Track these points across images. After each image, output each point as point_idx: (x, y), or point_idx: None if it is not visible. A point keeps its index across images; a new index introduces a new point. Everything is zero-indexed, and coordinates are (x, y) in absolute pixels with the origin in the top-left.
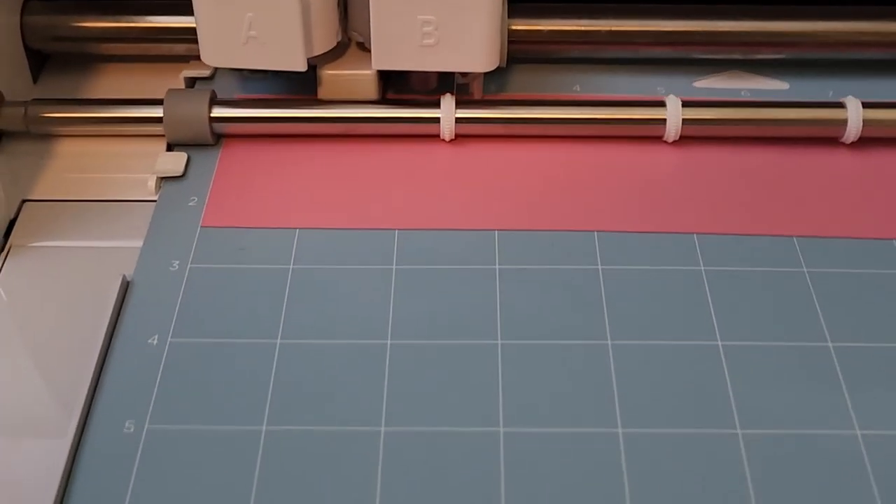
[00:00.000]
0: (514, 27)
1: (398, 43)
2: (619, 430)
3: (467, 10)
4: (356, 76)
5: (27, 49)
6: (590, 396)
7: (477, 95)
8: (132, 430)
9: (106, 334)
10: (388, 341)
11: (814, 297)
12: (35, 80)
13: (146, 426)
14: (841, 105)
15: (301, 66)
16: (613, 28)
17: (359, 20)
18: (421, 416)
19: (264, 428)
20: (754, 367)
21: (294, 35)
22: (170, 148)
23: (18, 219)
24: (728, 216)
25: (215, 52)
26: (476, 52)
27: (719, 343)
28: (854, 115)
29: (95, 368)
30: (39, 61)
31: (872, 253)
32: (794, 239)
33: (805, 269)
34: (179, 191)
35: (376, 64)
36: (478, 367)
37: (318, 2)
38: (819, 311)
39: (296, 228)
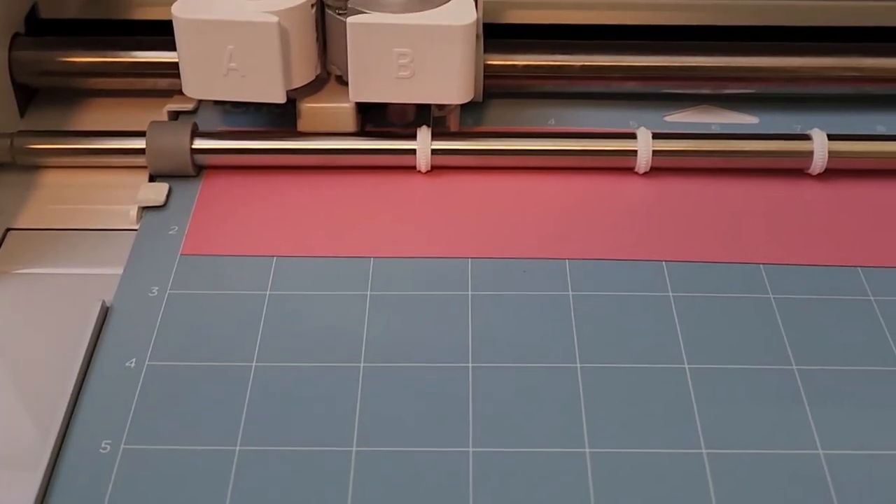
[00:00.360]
0: (489, 62)
1: (375, 76)
2: (587, 450)
3: (441, 43)
4: (335, 109)
5: (15, 83)
6: (558, 417)
7: (453, 128)
8: (108, 449)
9: (84, 357)
10: (361, 364)
11: (779, 321)
12: (22, 113)
13: (122, 446)
14: (807, 137)
15: (280, 99)
16: (586, 63)
17: (337, 54)
18: (392, 436)
19: (238, 448)
20: (720, 389)
21: (273, 68)
22: (152, 179)
23: (2, 246)
24: (696, 244)
25: (196, 84)
26: (450, 85)
27: (686, 366)
28: (820, 147)
29: (73, 390)
30: (27, 95)
31: (837, 280)
32: (761, 266)
33: (771, 296)
34: (160, 220)
35: (354, 96)
36: (448, 389)
37: (298, 36)
38: (784, 335)
39: (273, 256)
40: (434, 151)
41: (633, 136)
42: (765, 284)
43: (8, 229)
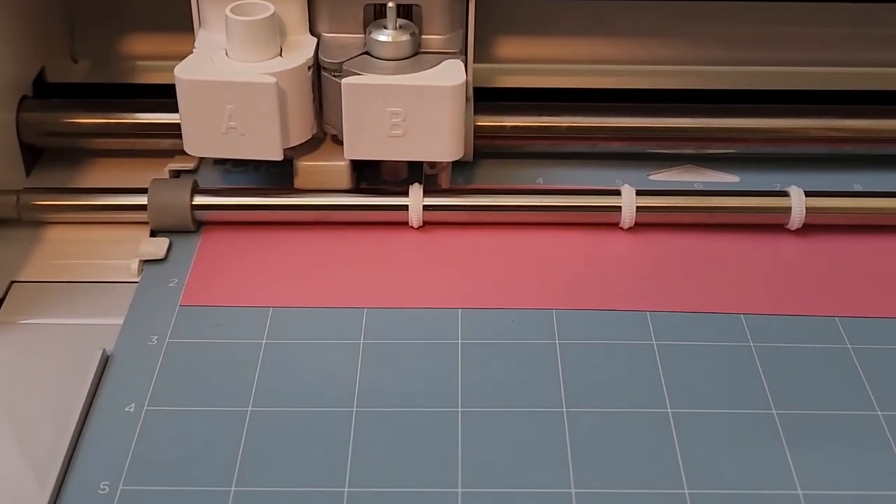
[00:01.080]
0: (479, 123)
1: (368, 134)
2: (573, 491)
3: (432, 103)
4: (330, 167)
5: (22, 143)
6: (545, 459)
7: (444, 185)
8: (107, 490)
9: (85, 402)
10: (354, 409)
11: (759, 368)
12: (28, 172)
13: (120, 487)
14: (785, 194)
15: (277, 156)
16: (573, 124)
17: (332, 114)
18: (383, 477)
19: (233, 489)
20: (702, 432)
21: (271, 127)
22: (153, 234)
23: (7, 298)
24: (679, 295)
25: (197, 142)
26: (441, 143)
27: (669, 410)
28: (797, 203)
29: (74, 433)
30: (33, 155)
31: (815, 329)
32: (742, 316)
33: (751, 344)
34: (161, 273)
35: (348, 154)
36: (439, 432)
37: (295, 96)
38: (764, 381)
39: (269, 307)
40: (426, 207)
41: (617, 192)
42: (745, 333)
43: (12, 282)
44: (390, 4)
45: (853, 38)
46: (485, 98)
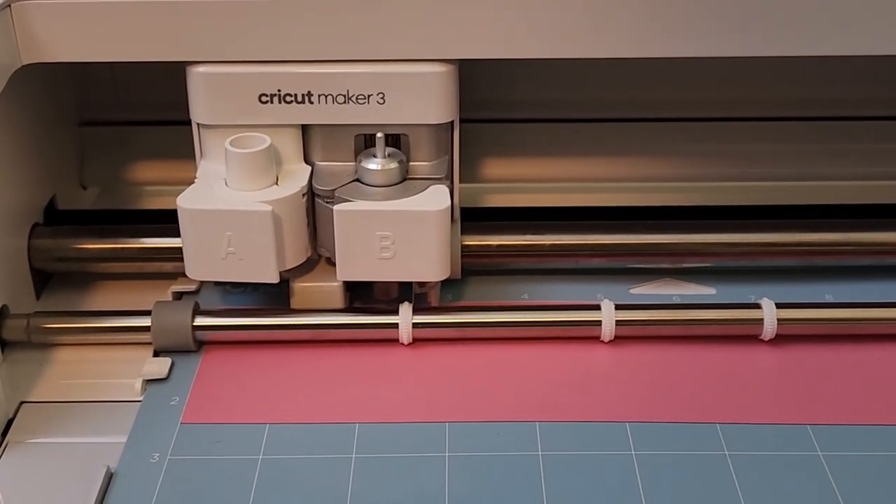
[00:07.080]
0: (466, 242)
1: (360, 257)
2: None
3: (418, 227)
4: (324, 288)
5: (32, 269)
6: None
7: (433, 303)
8: None
9: None
10: None
11: (734, 476)
12: (38, 296)
13: None
14: (758, 306)
15: (274, 279)
16: (555, 242)
17: (325, 237)
18: None
19: None
20: None
21: (268, 251)
22: (156, 354)
23: (16, 418)
24: (657, 406)
25: (199, 267)
26: (428, 264)
27: None
28: (769, 315)
29: None
30: (43, 279)
31: (787, 436)
32: (717, 425)
33: (727, 453)
34: (163, 392)
35: (341, 276)
36: None
37: (290, 222)
38: (738, 488)
39: (266, 423)
40: (415, 325)
41: (597, 307)
42: (720, 442)
43: (22, 402)
44: (379, 135)
45: (823, 155)
46: (472, 217)
